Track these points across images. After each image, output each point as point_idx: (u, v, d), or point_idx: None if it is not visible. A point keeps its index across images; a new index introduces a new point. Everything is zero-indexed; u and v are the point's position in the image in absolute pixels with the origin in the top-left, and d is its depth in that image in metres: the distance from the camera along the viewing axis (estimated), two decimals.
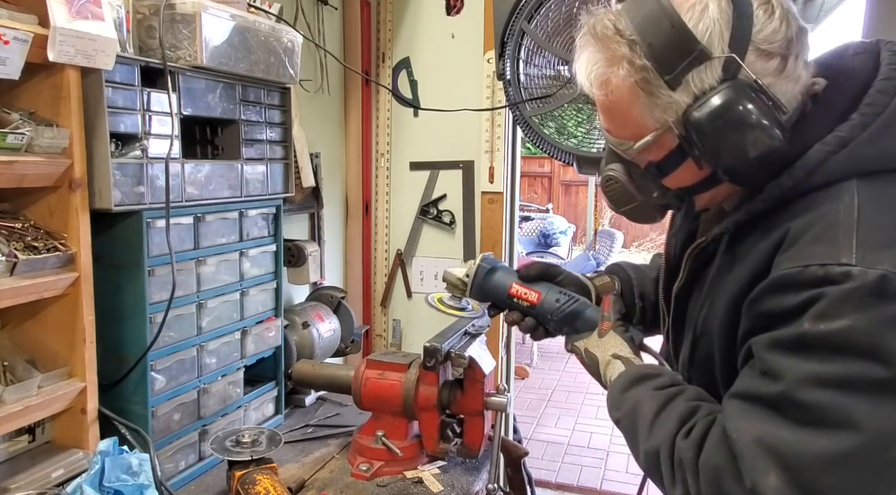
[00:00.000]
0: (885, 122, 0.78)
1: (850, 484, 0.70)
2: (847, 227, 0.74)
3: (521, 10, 1.70)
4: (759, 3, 0.80)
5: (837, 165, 0.79)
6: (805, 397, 0.71)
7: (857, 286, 0.70)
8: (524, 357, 5.50)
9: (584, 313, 1.13)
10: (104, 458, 1.14)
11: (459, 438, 1.52)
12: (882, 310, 0.69)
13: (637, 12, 0.82)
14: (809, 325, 0.72)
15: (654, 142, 0.86)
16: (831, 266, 0.72)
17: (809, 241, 0.76)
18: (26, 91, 1.19)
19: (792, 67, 0.81)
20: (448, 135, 2.52)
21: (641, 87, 0.82)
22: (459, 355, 1.46)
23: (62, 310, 1.24)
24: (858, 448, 0.69)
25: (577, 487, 3.54)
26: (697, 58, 0.79)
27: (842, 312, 0.70)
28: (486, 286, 1.21)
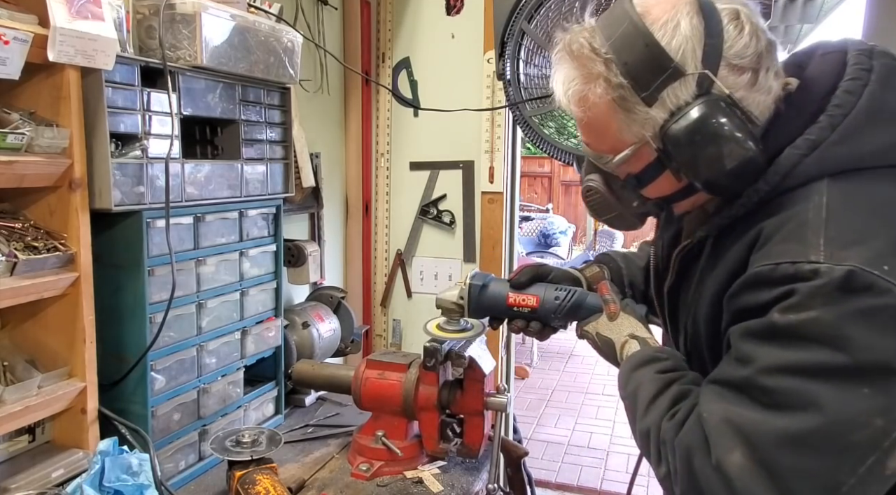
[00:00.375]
0: (853, 122, 0.80)
1: (810, 464, 0.72)
2: (816, 226, 0.77)
3: (521, 10, 1.70)
4: (729, 19, 0.83)
5: (809, 167, 0.81)
6: (770, 382, 0.75)
7: (825, 282, 0.72)
8: (524, 357, 5.50)
9: (586, 302, 1.16)
10: (104, 458, 1.14)
11: (459, 438, 1.52)
12: (848, 303, 0.72)
13: (611, 31, 0.85)
14: (779, 316, 0.75)
15: (633, 156, 0.90)
16: (801, 264, 0.74)
17: (780, 240, 0.79)
18: (26, 91, 1.19)
19: (763, 80, 0.84)
20: (448, 135, 2.52)
21: (619, 104, 0.85)
22: (459, 355, 1.46)
23: (62, 310, 1.24)
24: (818, 428, 0.72)
25: (577, 487, 3.54)
26: (672, 75, 0.82)
27: (810, 305, 0.73)
28: (483, 303, 1.23)
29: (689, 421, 0.83)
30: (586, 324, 1.13)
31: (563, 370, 5.38)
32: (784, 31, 5.46)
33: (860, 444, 0.72)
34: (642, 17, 0.83)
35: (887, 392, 0.71)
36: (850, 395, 0.72)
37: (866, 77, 0.82)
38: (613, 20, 0.86)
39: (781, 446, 0.73)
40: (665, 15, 0.83)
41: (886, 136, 0.80)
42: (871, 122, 0.80)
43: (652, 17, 0.83)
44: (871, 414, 0.71)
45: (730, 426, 0.77)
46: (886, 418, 0.71)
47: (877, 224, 0.76)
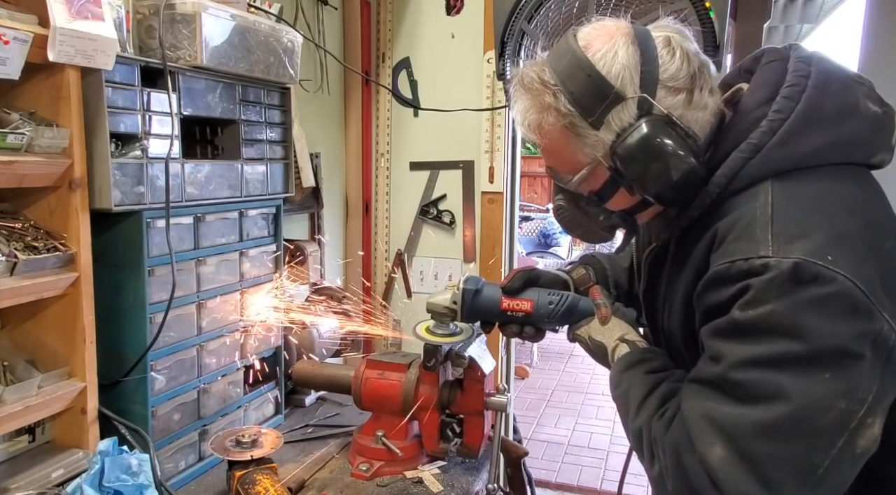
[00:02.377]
0: (792, 125, 0.86)
1: (785, 451, 0.77)
2: (763, 224, 0.82)
3: (521, 10, 1.70)
4: (662, 45, 0.91)
5: (753, 169, 0.87)
6: (739, 376, 0.80)
7: (775, 275, 0.77)
8: (524, 357, 5.49)
9: (578, 306, 1.17)
10: (104, 458, 1.14)
11: (459, 438, 1.52)
12: (799, 294, 0.77)
13: (557, 64, 0.93)
14: (739, 313, 0.80)
15: (590, 175, 0.96)
16: (753, 259, 0.80)
17: (733, 239, 0.85)
18: (26, 91, 1.19)
19: (698, 98, 0.91)
20: (448, 135, 2.52)
21: (570, 130, 0.93)
22: (459, 355, 1.46)
23: (62, 310, 1.24)
24: (787, 416, 0.76)
25: (577, 487, 3.54)
26: (613, 100, 0.90)
27: (765, 299, 0.78)
28: (477, 308, 1.22)
29: (675, 420, 0.87)
30: (578, 329, 1.16)
31: (563, 370, 5.38)
32: (784, 31, 5.46)
33: (828, 427, 0.76)
34: (584, 49, 0.91)
35: (846, 375, 0.76)
36: (811, 381, 0.76)
37: (804, 83, 0.88)
38: (559, 54, 0.93)
39: (756, 437, 0.77)
40: (604, 46, 0.90)
41: (822, 138, 0.86)
42: (809, 125, 0.86)
43: (593, 50, 0.91)
44: (833, 398, 0.76)
45: (709, 422, 0.81)
46: (849, 400, 0.76)
47: (818, 218, 0.82)
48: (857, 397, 0.76)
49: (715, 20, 1.48)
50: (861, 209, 0.85)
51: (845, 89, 0.89)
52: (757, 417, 0.78)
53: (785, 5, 4.73)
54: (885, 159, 0.92)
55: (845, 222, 0.82)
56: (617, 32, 0.91)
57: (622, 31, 0.91)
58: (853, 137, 0.88)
